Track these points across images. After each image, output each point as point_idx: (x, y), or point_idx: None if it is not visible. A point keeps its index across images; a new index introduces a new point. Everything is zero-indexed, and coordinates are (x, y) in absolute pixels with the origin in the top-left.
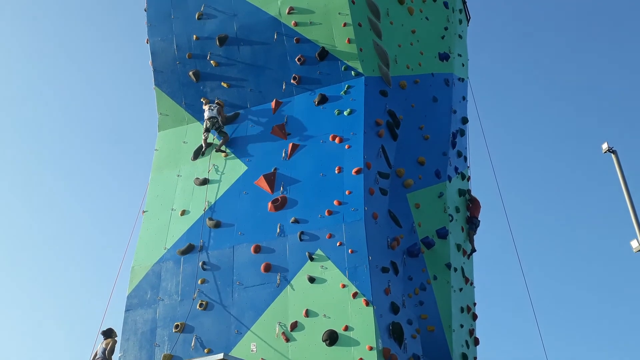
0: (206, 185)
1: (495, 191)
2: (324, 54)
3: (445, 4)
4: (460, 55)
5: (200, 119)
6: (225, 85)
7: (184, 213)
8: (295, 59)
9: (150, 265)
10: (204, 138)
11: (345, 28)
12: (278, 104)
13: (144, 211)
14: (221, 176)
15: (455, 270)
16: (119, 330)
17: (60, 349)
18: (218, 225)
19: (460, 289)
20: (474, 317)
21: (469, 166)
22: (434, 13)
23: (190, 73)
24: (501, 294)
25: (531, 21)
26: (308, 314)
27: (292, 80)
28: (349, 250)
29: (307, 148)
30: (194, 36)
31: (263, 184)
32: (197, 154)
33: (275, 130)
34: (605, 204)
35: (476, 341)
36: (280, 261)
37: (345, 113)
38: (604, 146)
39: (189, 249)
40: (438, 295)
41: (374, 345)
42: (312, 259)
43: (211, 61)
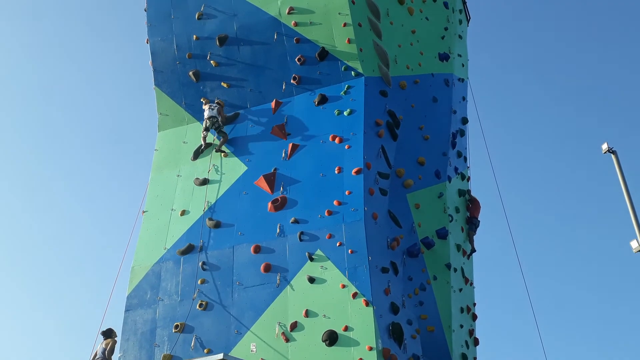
0: (206, 186)
1: (495, 192)
2: (324, 54)
3: (445, 4)
4: (460, 55)
5: (200, 119)
6: (225, 85)
7: (183, 213)
8: (295, 59)
9: (150, 265)
10: (203, 136)
11: (345, 28)
12: (278, 104)
13: (144, 211)
14: (221, 176)
15: (455, 270)
16: (118, 330)
17: (60, 349)
18: (218, 225)
19: (460, 289)
20: (474, 318)
21: (468, 166)
22: (434, 13)
23: (190, 73)
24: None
25: (531, 21)
26: (308, 314)
27: (292, 81)
28: (349, 251)
29: (307, 148)
30: (194, 36)
31: (263, 184)
32: (197, 154)
33: (275, 131)
34: (605, 204)
35: (476, 341)
36: (280, 261)
37: (345, 113)
38: (604, 146)
39: (189, 249)
40: (438, 296)
41: (374, 346)
42: (312, 259)
43: (211, 61)
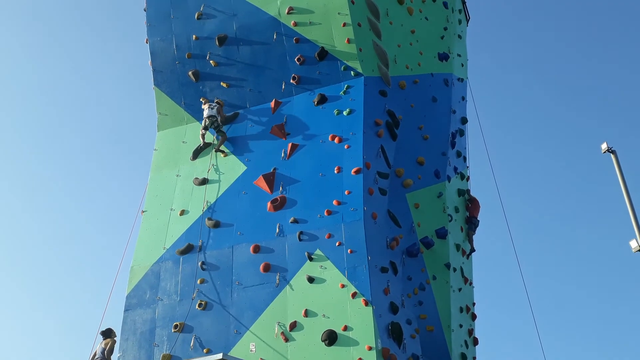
0: (205, 185)
1: (495, 191)
2: (324, 54)
3: (445, 4)
4: (459, 55)
5: (200, 118)
6: (224, 85)
7: (183, 213)
8: (295, 59)
9: (150, 265)
10: (202, 134)
11: (345, 28)
12: (277, 104)
13: (143, 211)
14: (220, 176)
15: (455, 270)
16: (118, 330)
17: (59, 349)
18: (217, 225)
19: (460, 289)
20: (473, 317)
21: (468, 166)
22: (433, 13)
23: (190, 73)
24: (500, 294)
25: (531, 21)
26: (307, 314)
27: (292, 80)
28: (348, 250)
29: (307, 148)
30: (194, 36)
31: (262, 184)
32: (197, 154)
33: (275, 130)
34: (604, 204)
35: (475, 341)
36: (280, 261)
37: (344, 113)
38: (603, 146)
39: (188, 249)
40: (437, 295)
41: (373, 345)
42: (312, 259)
43: (210, 61)
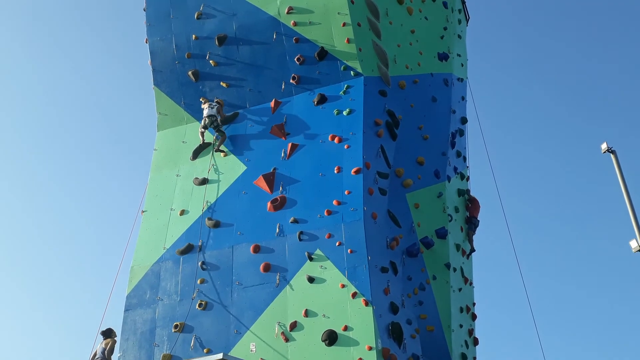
0: (205, 185)
1: (494, 191)
2: (323, 54)
3: (445, 4)
4: (459, 55)
5: (200, 118)
6: (224, 85)
7: (183, 213)
8: (295, 59)
9: (150, 265)
10: (201, 132)
11: (345, 28)
12: (277, 104)
13: (143, 211)
14: (220, 176)
15: (455, 270)
16: (118, 330)
17: (59, 349)
18: (217, 225)
19: (460, 289)
20: (473, 317)
21: (468, 166)
22: (433, 13)
23: (190, 73)
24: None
25: (530, 21)
26: (307, 314)
27: (292, 80)
28: (348, 250)
29: (307, 148)
30: (193, 36)
31: (262, 184)
32: (197, 154)
33: (275, 130)
34: (604, 204)
35: (475, 341)
36: (280, 261)
37: (344, 113)
38: (603, 146)
39: (188, 249)
40: (437, 295)
41: (374, 345)
42: (312, 259)
43: (210, 61)
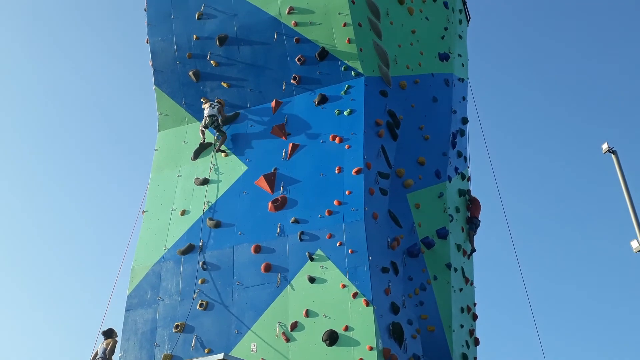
0: (206, 185)
1: (495, 191)
2: (324, 54)
3: (445, 4)
4: (460, 55)
5: (201, 118)
6: (225, 85)
7: (184, 213)
8: (295, 59)
9: (151, 265)
10: (201, 131)
11: (345, 28)
12: (278, 104)
13: (144, 211)
14: (221, 176)
15: (456, 270)
16: (119, 330)
17: (60, 349)
18: (218, 225)
19: (461, 289)
20: (474, 318)
21: (469, 166)
22: (434, 13)
23: (190, 73)
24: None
25: (531, 21)
26: (308, 314)
27: (292, 80)
28: (349, 251)
29: (307, 148)
30: (194, 36)
31: (263, 184)
32: (197, 154)
33: (275, 130)
34: (605, 204)
35: (476, 341)
36: (281, 261)
37: (345, 113)
38: (604, 146)
39: (189, 249)
40: (438, 296)
41: (374, 346)
42: (312, 259)
43: (211, 61)
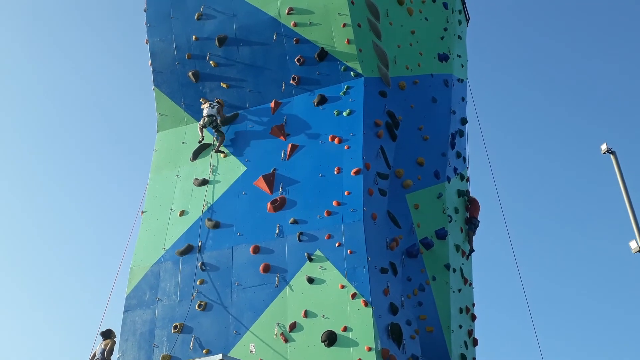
0: (205, 186)
1: (494, 192)
2: (323, 55)
3: (445, 5)
4: (459, 56)
5: (200, 119)
6: (224, 85)
7: (183, 214)
8: (295, 60)
9: (149, 265)
10: (200, 128)
11: (345, 29)
12: (277, 105)
13: (143, 212)
14: (220, 177)
15: (454, 271)
16: (117, 330)
17: (59, 350)
18: (217, 225)
19: (459, 290)
20: (473, 318)
21: (468, 167)
22: (433, 14)
23: (190, 73)
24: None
25: (530, 22)
26: (307, 314)
27: (292, 81)
28: (348, 251)
29: (307, 149)
30: (194, 37)
31: (262, 185)
32: (197, 155)
33: (275, 131)
34: (604, 204)
35: (475, 342)
36: (279, 262)
37: (344, 114)
38: (603, 147)
39: (188, 250)
40: (437, 296)
41: (373, 346)
42: (311, 260)
43: (210, 62)
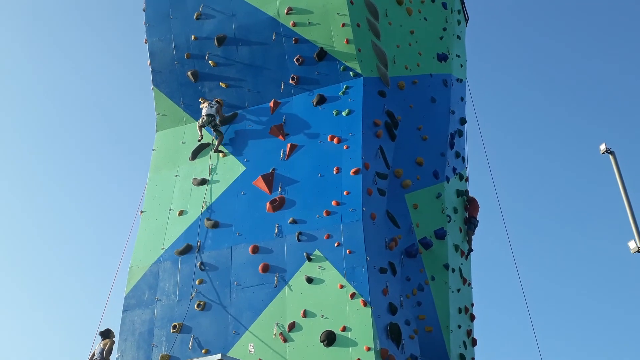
0: (204, 186)
1: (493, 192)
2: (323, 55)
3: (444, 5)
4: (458, 56)
5: (199, 119)
6: (223, 85)
7: (182, 213)
8: (294, 59)
9: (148, 265)
10: (199, 127)
11: (344, 28)
12: (276, 104)
13: (142, 211)
14: (219, 176)
15: (453, 271)
16: (116, 330)
17: (58, 350)
18: (216, 225)
19: (458, 290)
20: (472, 318)
21: (467, 167)
22: (432, 14)
23: (189, 73)
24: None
25: (529, 22)
26: (306, 314)
27: (291, 81)
28: (347, 251)
29: (306, 148)
30: (193, 36)
31: (261, 184)
32: (196, 154)
33: (274, 131)
34: (602, 204)
35: (474, 342)
36: (278, 261)
37: (343, 113)
38: (602, 147)
39: (187, 250)
40: (436, 296)
41: (372, 346)
42: (310, 260)
43: (209, 61)
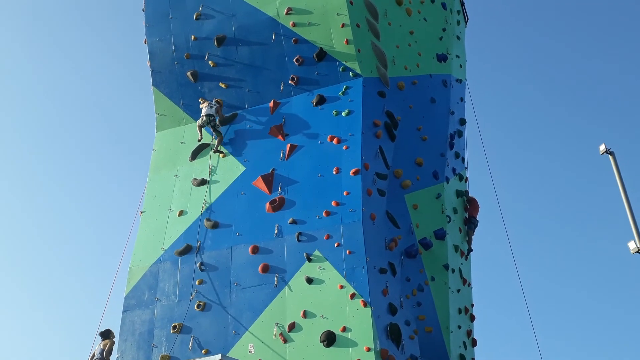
0: (204, 186)
1: (492, 192)
2: (322, 55)
3: (443, 5)
4: (458, 56)
5: (198, 119)
6: (223, 85)
7: (181, 214)
8: (294, 60)
9: (148, 266)
10: (199, 127)
11: (344, 29)
12: (276, 105)
13: (142, 212)
14: (219, 177)
15: (453, 271)
16: (116, 331)
17: (59, 349)
18: (216, 225)
19: (458, 290)
20: (472, 318)
21: (466, 167)
22: (432, 14)
23: (188, 73)
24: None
25: (529, 22)
26: (306, 314)
27: (290, 81)
28: (347, 251)
29: (305, 149)
30: (192, 36)
31: (261, 185)
32: (195, 155)
33: (273, 131)
34: (602, 205)
35: (474, 342)
36: (278, 262)
37: (343, 114)
38: (602, 147)
39: (187, 250)
40: (436, 297)
41: (372, 346)
42: (310, 260)
43: (209, 61)
